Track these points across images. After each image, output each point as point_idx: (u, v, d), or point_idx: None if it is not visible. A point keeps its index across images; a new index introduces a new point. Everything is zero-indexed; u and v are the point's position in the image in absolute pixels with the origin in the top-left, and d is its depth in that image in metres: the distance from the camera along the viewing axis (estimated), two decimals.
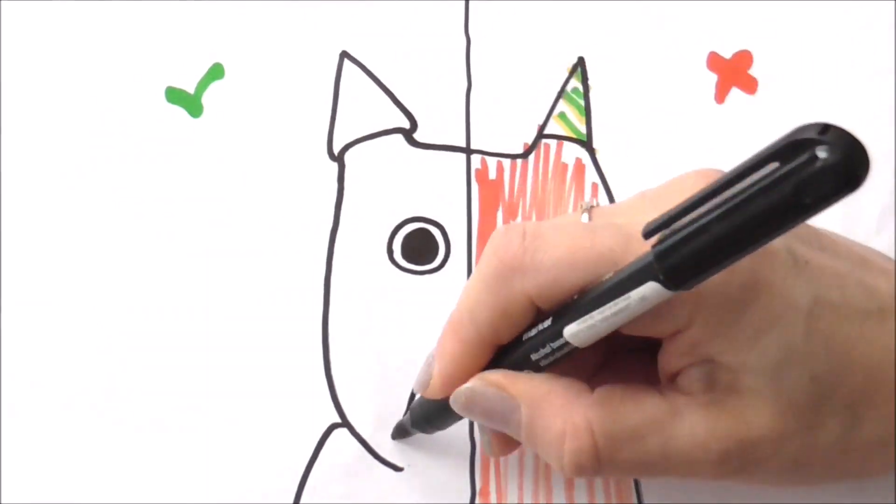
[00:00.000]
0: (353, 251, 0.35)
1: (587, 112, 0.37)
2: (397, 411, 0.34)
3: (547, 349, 0.27)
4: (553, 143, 0.37)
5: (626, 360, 0.30)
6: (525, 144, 0.37)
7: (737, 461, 0.27)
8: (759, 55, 0.37)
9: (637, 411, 0.27)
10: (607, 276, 0.26)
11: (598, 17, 0.38)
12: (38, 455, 0.33)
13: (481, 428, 0.31)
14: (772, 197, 0.21)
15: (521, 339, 0.28)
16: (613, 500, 0.34)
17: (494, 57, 0.37)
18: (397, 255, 0.35)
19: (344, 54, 0.37)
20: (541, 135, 0.37)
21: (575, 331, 0.26)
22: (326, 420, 0.34)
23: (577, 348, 0.27)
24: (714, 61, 0.38)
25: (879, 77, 0.37)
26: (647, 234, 0.24)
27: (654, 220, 0.24)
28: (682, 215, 0.23)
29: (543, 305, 0.28)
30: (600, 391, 0.27)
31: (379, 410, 0.34)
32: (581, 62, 0.37)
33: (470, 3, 0.38)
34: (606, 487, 0.34)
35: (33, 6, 0.37)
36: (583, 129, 0.37)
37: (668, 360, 0.27)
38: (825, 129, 0.20)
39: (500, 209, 0.36)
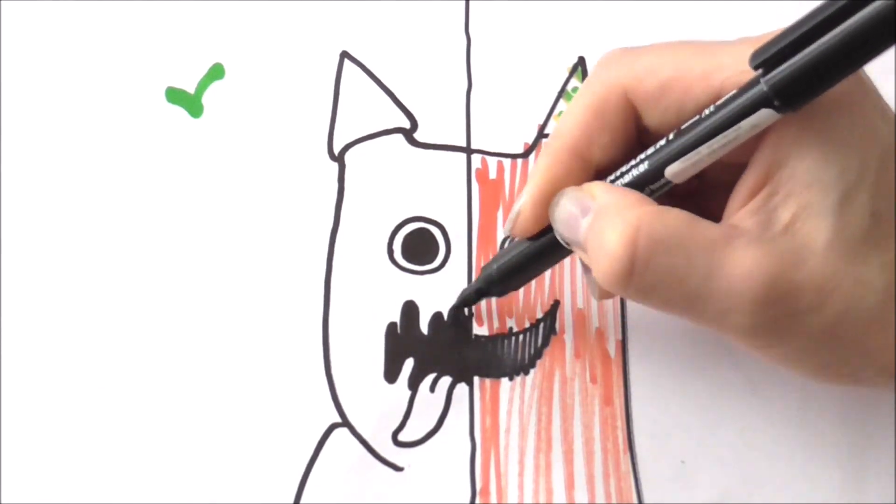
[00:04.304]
0: (353, 251, 0.35)
1: None
2: (397, 411, 0.34)
3: (646, 192, 0.28)
4: None
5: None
6: (525, 144, 0.37)
7: (777, 306, 0.26)
8: None
9: (691, 227, 0.26)
10: (707, 111, 0.26)
11: (598, 17, 0.38)
12: (38, 455, 0.33)
13: (585, 269, 0.31)
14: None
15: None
16: (614, 500, 0.34)
17: (494, 57, 0.37)
18: (397, 255, 0.35)
19: (344, 54, 0.37)
20: (541, 134, 0.37)
21: (678, 169, 0.27)
22: (326, 420, 0.34)
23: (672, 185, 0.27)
24: None
25: (879, 77, 0.37)
26: (758, 62, 0.25)
27: (764, 47, 0.25)
28: (792, 38, 0.24)
29: (638, 103, 0.28)
30: (663, 206, 0.27)
31: (379, 410, 0.34)
32: (581, 62, 0.37)
33: (470, 3, 0.38)
34: (607, 487, 0.34)
35: (33, 6, 0.37)
36: None
37: (744, 180, 0.27)
38: None
39: (501, 209, 0.36)
